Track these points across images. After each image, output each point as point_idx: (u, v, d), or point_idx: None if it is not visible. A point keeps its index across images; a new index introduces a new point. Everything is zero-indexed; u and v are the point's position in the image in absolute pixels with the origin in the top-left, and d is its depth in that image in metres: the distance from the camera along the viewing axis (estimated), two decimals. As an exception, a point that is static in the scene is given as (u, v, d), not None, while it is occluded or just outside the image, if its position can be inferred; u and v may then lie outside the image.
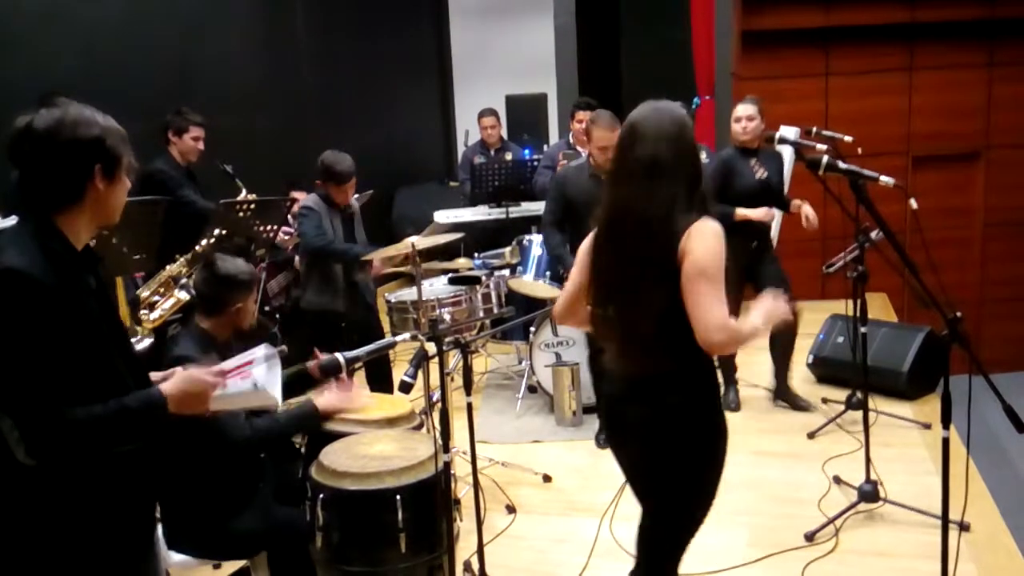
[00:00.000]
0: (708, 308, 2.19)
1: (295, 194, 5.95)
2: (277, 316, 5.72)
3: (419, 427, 3.24)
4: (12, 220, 1.98)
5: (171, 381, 1.95)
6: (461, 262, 5.34)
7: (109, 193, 1.94)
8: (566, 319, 2.58)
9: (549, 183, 4.89)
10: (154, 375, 2.05)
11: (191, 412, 1.98)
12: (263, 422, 2.87)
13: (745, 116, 4.74)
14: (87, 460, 1.89)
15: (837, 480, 4.09)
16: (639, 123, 2.35)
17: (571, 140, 6.10)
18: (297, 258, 5.73)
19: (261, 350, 2.09)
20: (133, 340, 3.89)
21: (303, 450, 3.31)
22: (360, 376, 4.64)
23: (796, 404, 5.04)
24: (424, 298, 4.36)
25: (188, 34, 6.22)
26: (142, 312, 4.12)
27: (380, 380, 4.64)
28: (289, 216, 5.46)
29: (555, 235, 4.58)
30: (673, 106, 2.40)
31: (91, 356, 1.87)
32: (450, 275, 5.11)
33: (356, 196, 5.07)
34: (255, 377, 2.02)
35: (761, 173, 4.74)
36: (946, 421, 2.58)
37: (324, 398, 3.05)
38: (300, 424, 3.03)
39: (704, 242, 2.22)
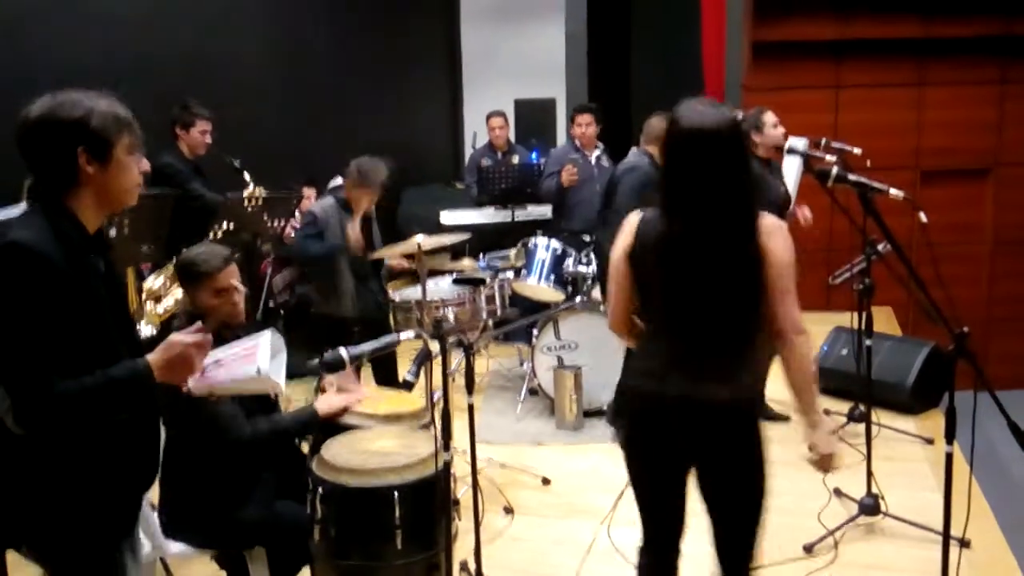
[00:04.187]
0: (795, 306, 2.30)
1: (307, 191, 5.97)
2: (281, 312, 5.73)
3: (428, 425, 3.23)
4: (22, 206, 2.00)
5: (155, 350, 1.95)
6: (466, 263, 5.34)
7: (105, 176, 1.94)
8: (625, 331, 2.56)
9: (639, 180, 4.77)
10: None
11: (178, 379, 1.98)
12: (264, 424, 2.87)
13: (777, 123, 4.68)
14: (77, 431, 1.91)
15: (838, 492, 4.08)
16: (701, 132, 2.30)
17: (577, 144, 6.09)
18: None
19: (267, 336, 2.09)
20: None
21: (306, 446, 3.31)
22: (367, 374, 4.64)
23: (766, 415, 4.96)
24: (428, 298, 4.36)
25: (201, 30, 6.24)
26: (148, 304, 4.13)
27: (387, 378, 4.63)
28: (297, 212, 5.46)
29: None
30: (717, 104, 2.39)
31: (93, 335, 1.89)
32: (455, 275, 5.11)
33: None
34: (259, 363, 2.02)
35: (778, 186, 4.72)
36: (950, 436, 2.57)
37: (325, 401, 3.05)
38: (302, 427, 3.02)
39: (783, 240, 2.30)
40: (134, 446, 2.03)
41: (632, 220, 2.44)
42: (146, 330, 3.96)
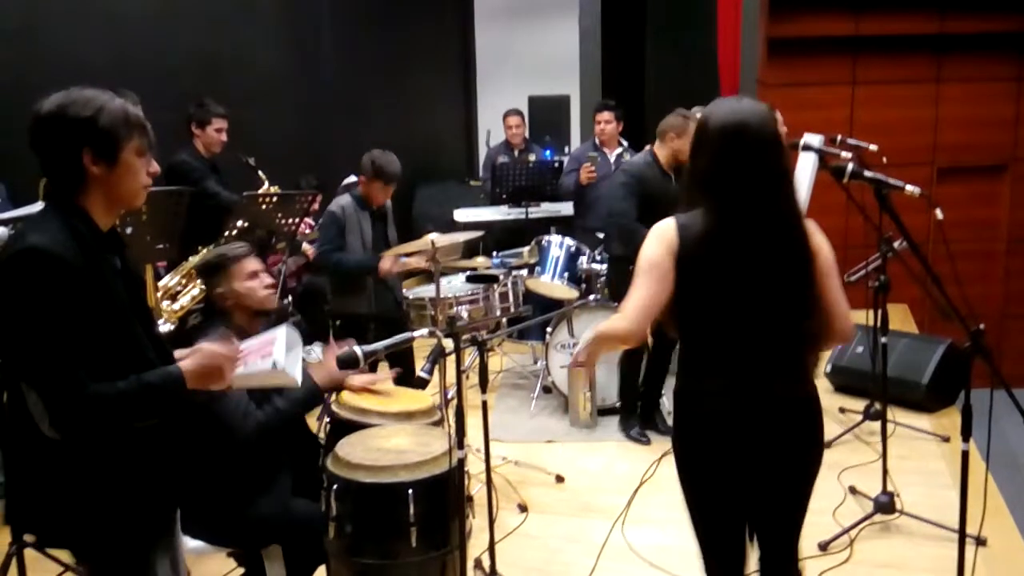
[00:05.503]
0: (845, 301, 2.30)
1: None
2: (288, 299, 5.76)
3: (439, 422, 3.24)
4: (38, 206, 2.02)
5: (189, 357, 1.97)
6: (479, 260, 5.34)
7: (112, 177, 1.94)
8: (644, 336, 2.39)
9: (623, 180, 4.72)
10: (178, 352, 2.07)
11: (210, 387, 2.00)
12: (265, 414, 2.86)
13: (781, 122, 4.63)
14: (109, 434, 1.92)
15: (853, 490, 4.06)
16: (749, 126, 2.23)
17: (596, 142, 6.11)
18: (305, 245, 5.77)
19: (283, 331, 2.10)
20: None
21: (323, 442, 3.32)
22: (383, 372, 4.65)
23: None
24: (442, 295, 4.37)
25: (215, 28, 6.26)
26: (164, 302, 4.15)
27: (404, 376, 4.64)
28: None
29: (644, 229, 4.54)
30: (756, 102, 2.36)
31: (115, 333, 1.90)
32: (468, 273, 5.11)
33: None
34: (275, 357, 2.03)
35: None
36: (966, 434, 2.56)
37: (322, 371, 3.04)
38: (305, 402, 3.01)
39: (824, 237, 2.30)
40: (166, 447, 2.05)
41: (668, 226, 2.29)
42: (165, 327, 3.98)
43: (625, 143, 6.14)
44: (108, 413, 1.86)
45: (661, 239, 2.28)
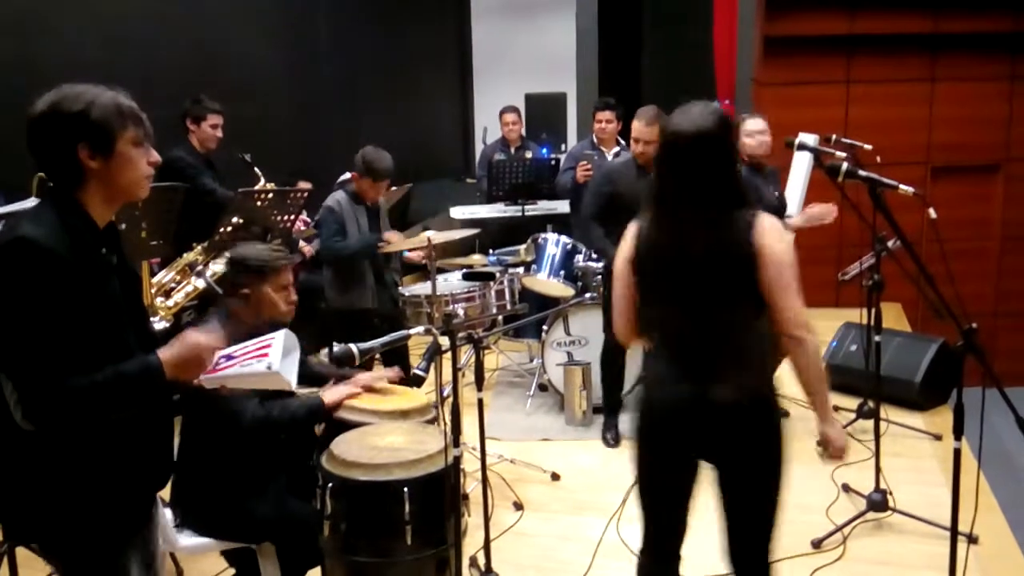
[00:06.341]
0: (800, 304, 2.30)
1: (302, 184, 5.98)
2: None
3: (434, 420, 3.25)
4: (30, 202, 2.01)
5: (168, 346, 1.95)
6: (476, 258, 5.35)
7: (109, 170, 1.92)
8: (633, 338, 2.56)
9: (595, 177, 4.78)
10: None
11: (189, 376, 1.98)
12: (276, 409, 2.89)
13: (757, 131, 4.62)
14: (87, 427, 1.91)
15: (846, 488, 4.08)
16: (680, 131, 2.33)
17: (594, 140, 6.11)
18: (302, 243, 5.76)
19: (280, 335, 2.10)
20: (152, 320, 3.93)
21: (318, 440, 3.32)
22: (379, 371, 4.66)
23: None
24: (438, 293, 4.37)
25: (212, 24, 6.25)
26: (158, 298, 4.15)
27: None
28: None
29: (598, 228, 4.58)
30: (708, 105, 2.39)
31: (102, 329, 1.89)
32: (464, 271, 5.12)
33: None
34: (270, 360, 2.03)
35: (771, 192, 4.70)
36: (958, 432, 2.58)
37: (329, 393, 3.06)
38: (311, 414, 3.01)
39: (780, 238, 2.30)
40: (146, 446, 2.04)
41: (632, 228, 2.47)
42: (160, 325, 3.98)
43: (623, 142, 6.15)
44: (83, 405, 1.84)
45: (624, 242, 2.46)
